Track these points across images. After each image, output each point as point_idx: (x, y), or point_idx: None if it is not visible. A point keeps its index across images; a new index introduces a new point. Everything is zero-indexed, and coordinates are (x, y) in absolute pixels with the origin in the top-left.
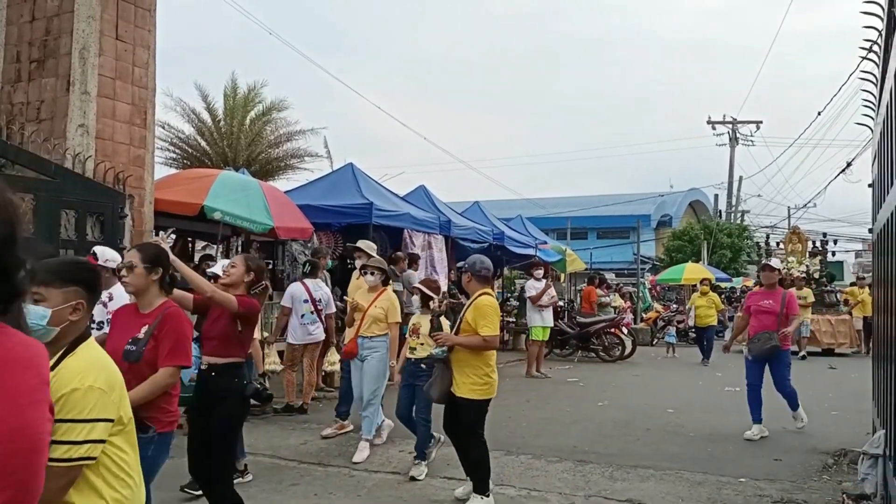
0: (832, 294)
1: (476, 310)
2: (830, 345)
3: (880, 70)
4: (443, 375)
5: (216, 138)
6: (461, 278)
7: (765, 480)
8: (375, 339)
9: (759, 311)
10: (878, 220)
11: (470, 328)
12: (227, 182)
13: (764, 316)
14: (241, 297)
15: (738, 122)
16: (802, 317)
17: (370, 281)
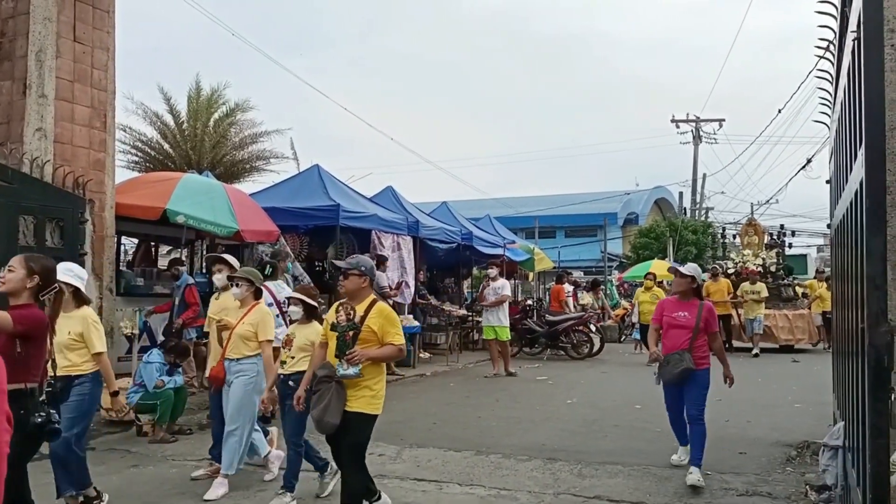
0: (789, 288)
1: (383, 317)
2: (788, 341)
3: (835, 69)
4: (338, 396)
5: (179, 141)
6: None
7: (730, 473)
8: (244, 361)
9: (672, 325)
10: (835, 215)
11: (375, 338)
12: (191, 185)
13: (676, 332)
14: (19, 311)
15: (701, 121)
16: (757, 312)
17: (237, 294)
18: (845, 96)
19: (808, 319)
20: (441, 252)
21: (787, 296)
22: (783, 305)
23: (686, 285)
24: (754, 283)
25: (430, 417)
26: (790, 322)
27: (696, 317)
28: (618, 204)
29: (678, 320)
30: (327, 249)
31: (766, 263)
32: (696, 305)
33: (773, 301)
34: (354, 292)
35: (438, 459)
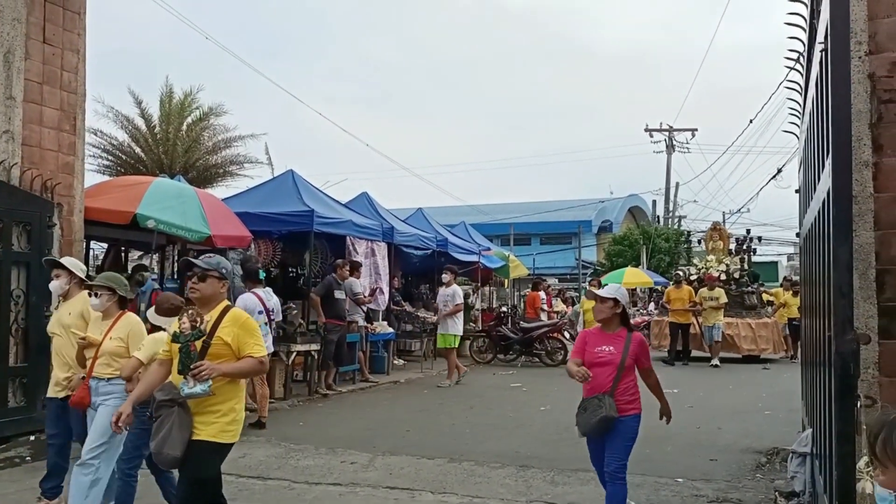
0: (753, 295)
1: (238, 326)
2: (752, 350)
3: (804, 80)
4: (180, 423)
5: (151, 145)
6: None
7: (701, 480)
8: (115, 381)
9: (594, 362)
10: (804, 224)
11: (229, 351)
12: (161, 189)
13: (598, 371)
14: None
15: (674, 130)
16: (716, 319)
17: (97, 305)
18: (814, 107)
19: (773, 328)
20: (416, 258)
21: (750, 303)
22: (746, 313)
23: (608, 312)
24: (713, 289)
25: (403, 425)
26: (753, 331)
27: (622, 351)
28: (592, 212)
29: (600, 356)
30: (302, 255)
31: (730, 270)
32: (623, 337)
33: (736, 309)
34: (209, 298)
35: (411, 467)
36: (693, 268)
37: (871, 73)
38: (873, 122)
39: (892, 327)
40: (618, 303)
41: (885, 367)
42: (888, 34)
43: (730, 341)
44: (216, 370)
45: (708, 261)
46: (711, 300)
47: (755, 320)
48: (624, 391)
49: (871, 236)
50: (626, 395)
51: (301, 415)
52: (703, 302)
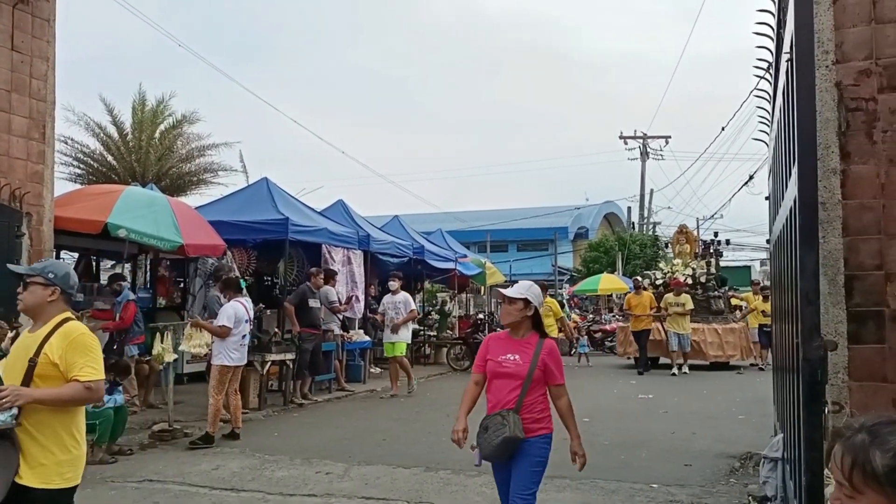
0: (720, 300)
1: (69, 343)
2: (718, 357)
3: (772, 89)
4: (5, 460)
5: (123, 153)
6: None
7: (675, 486)
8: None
9: (497, 373)
10: (773, 231)
11: (57, 372)
12: (133, 198)
13: (501, 383)
14: None
15: (648, 137)
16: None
17: None
18: (781, 115)
19: (741, 334)
20: (392, 266)
21: (717, 308)
22: (713, 319)
23: (516, 314)
24: (678, 295)
25: (379, 434)
26: (720, 337)
27: (530, 361)
28: (568, 218)
29: (505, 366)
30: (277, 264)
31: (697, 274)
32: (533, 344)
33: (703, 314)
34: (34, 308)
35: (387, 477)
36: (659, 272)
37: (838, 82)
38: (841, 130)
39: (861, 332)
40: (528, 304)
41: (854, 371)
42: (854, 44)
43: (696, 347)
44: (22, 396)
45: (674, 265)
46: (677, 306)
47: (722, 326)
48: (531, 407)
49: (840, 242)
50: (533, 412)
51: (276, 425)
52: (669, 308)
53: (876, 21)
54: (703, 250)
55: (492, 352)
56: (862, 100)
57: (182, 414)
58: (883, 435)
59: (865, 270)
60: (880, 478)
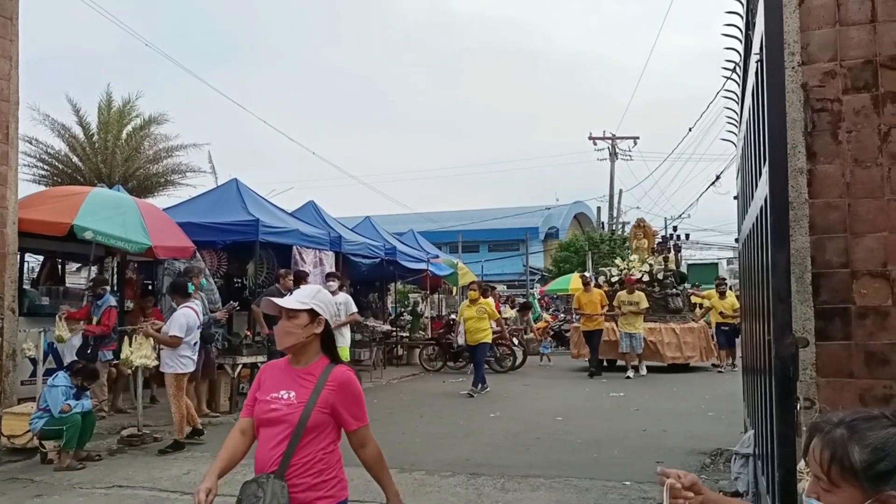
0: (678, 298)
1: None
2: (676, 358)
3: (740, 89)
4: None
5: (89, 154)
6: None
7: (648, 483)
8: None
9: (264, 419)
10: (742, 230)
11: None
12: (99, 200)
13: (270, 432)
14: None
15: (617, 138)
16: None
17: None
18: (750, 116)
19: (700, 333)
20: (364, 267)
21: (674, 307)
22: (670, 318)
23: (298, 333)
24: (632, 293)
25: None
26: (678, 337)
27: (308, 398)
28: (539, 219)
29: (273, 408)
30: (247, 266)
31: (654, 270)
32: (316, 374)
33: (660, 313)
34: None
35: (360, 479)
36: (614, 269)
37: (804, 83)
38: (807, 130)
39: (828, 329)
40: (315, 317)
41: (822, 368)
42: (819, 45)
43: (653, 348)
44: None
45: (630, 261)
46: (630, 304)
47: (680, 325)
48: (306, 468)
49: (807, 241)
50: (308, 476)
51: None
52: (622, 306)
53: (840, 23)
54: (660, 245)
55: (264, 387)
56: (827, 100)
57: (151, 418)
58: (861, 430)
59: (832, 268)
60: (858, 473)
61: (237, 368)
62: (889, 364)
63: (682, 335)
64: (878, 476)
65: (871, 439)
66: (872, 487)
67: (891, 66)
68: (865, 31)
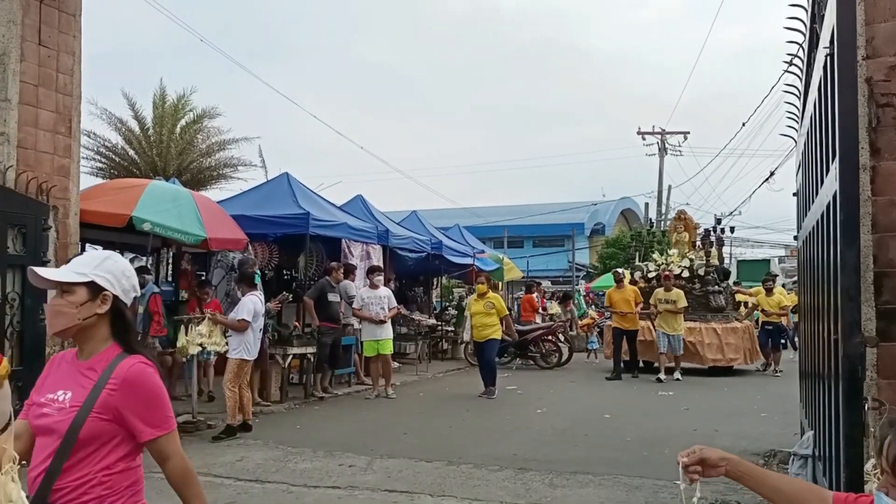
0: (720, 295)
1: None
2: (717, 361)
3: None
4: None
5: (145, 147)
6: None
7: (700, 482)
8: None
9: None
10: (804, 227)
11: None
12: (157, 192)
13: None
14: None
15: (666, 133)
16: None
17: None
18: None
19: (744, 334)
20: (410, 261)
21: (716, 305)
22: (712, 317)
23: (71, 315)
24: (669, 291)
25: (400, 427)
26: (720, 337)
27: (83, 401)
28: (585, 214)
29: (45, 412)
30: (297, 258)
31: (694, 266)
32: (99, 370)
33: (700, 312)
34: None
35: (409, 470)
36: (652, 264)
37: (868, 78)
38: (871, 126)
39: (889, 329)
40: (99, 292)
41: (882, 369)
42: (885, 38)
43: (692, 349)
44: None
45: (669, 255)
46: (668, 303)
47: (722, 325)
48: (77, 496)
49: (870, 239)
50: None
51: (297, 418)
52: (658, 305)
53: None
54: (702, 239)
55: (45, 385)
56: (892, 95)
57: (205, 406)
58: None
59: (894, 268)
60: None
61: (287, 359)
62: None
63: (725, 336)
64: None
65: None
66: None
67: None
68: None
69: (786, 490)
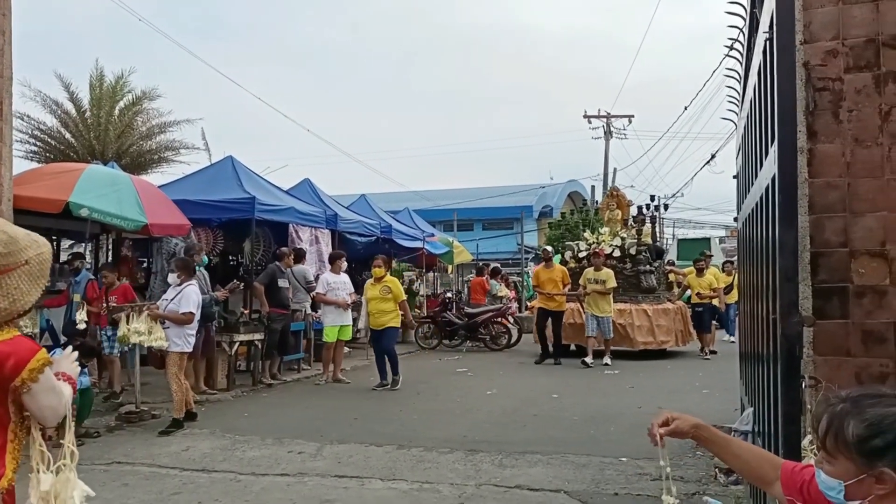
0: (651, 276)
1: None
2: (647, 344)
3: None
4: None
5: (82, 130)
6: None
7: (644, 459)
8: None
9: None
10: (743, 209)
11: None
12: (95, 176)
13: None
14: None
15: (611, 116)
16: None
17: None
18: (755, 94)
19: (677, 315)
20: (360, 245)
21: (647, 286)
22: (643, 298)
23: None
24: (599, 270)
25: (350, 412)
26: (650, 320)
27: None
28: (533, 197)
29: None
30: (243, 244)
31: (626, 245)
32: None
33: (631, 293)
34: None
35: (360, 455)
36: (583, 243)
37: (806, 62)
38: (809, 109)
39: (826, 308)
40: None
41: (818, 346)
42: (822, 24)
43: (622, 332)
44: None
45: (601, 234)
46: (597, 283)
47: (653, 306)
48: None
49: (807, 220)
50: None
51: (245, 405)
52: (587, 285)
53: (843, 1)
54: (634, 217)
55: None
56: (829, 80)
57: (150, 395)
58: (863, 406)
59: (831, 247)
60: (850, 446)
61: (234, 346)
62: (886, 342)
63: (656, 317)
64: (871, 452)
65: (870, 415)
66: (865, 462)
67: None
68: (868, 9)
69: (744, 456)
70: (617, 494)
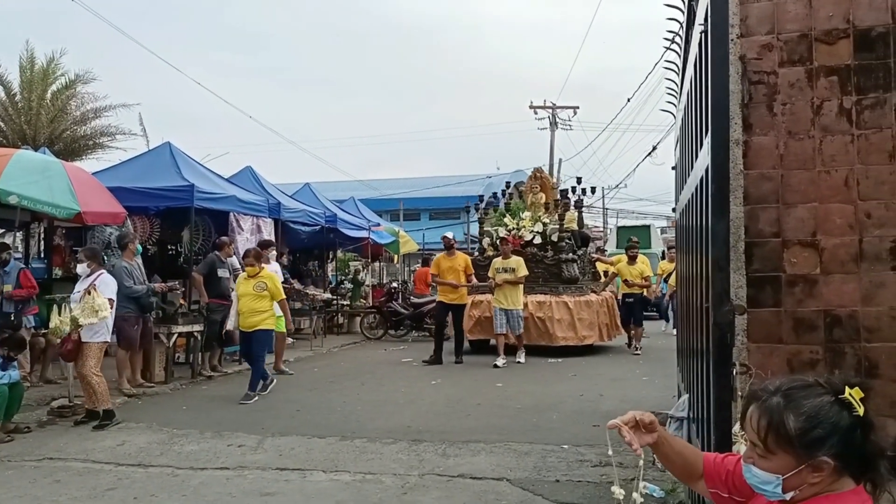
0: (573, 265)
1: None
2: (567, 339)
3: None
4: None
5: (11, 114)
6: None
7: (585, 446)
8: None
9: None
10: (680, 199)
11: None
12: (25, 162)
13: None
14: None
15: (557, 107)
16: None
17: None
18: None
19: (601, 308)
20: (304, 235)
21: (569, 275)
22: (564, 289)
23: None
24: (507, 258)
25: (292, 404)
26: (571, 313)
27: None
28: (480, 187)
29: None
30: (181, 233)
31: (548, 231)
32: None
33: (552, 283)
34: None
35: (302, 447)
36: (503, 229)
37: (742, 56)
38: (744, 102)
39: (759, 296)
40: None
41: (752, 334)
42: (758, 18)
43: (541, 327)
44: None
45: (522, 219)
46: (506, 272)
47: (574, 298)
48: None
49: (741, 211)
50: None
51: (183, 398)
52: (496, 275)
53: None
54: (556, 201)
55: None
56: (764, 73)
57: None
58: (797, 399)
59: (764, 237)
60: (793, 440)
61: (172, 338)
62: (816, 330)
63: (577, 310)
64: (811, 443)
65: (806, 408)
66: (806, 453)
67: (824, 40)
68: (801, 5)
69: (685, 453)
70: (558, 481)
